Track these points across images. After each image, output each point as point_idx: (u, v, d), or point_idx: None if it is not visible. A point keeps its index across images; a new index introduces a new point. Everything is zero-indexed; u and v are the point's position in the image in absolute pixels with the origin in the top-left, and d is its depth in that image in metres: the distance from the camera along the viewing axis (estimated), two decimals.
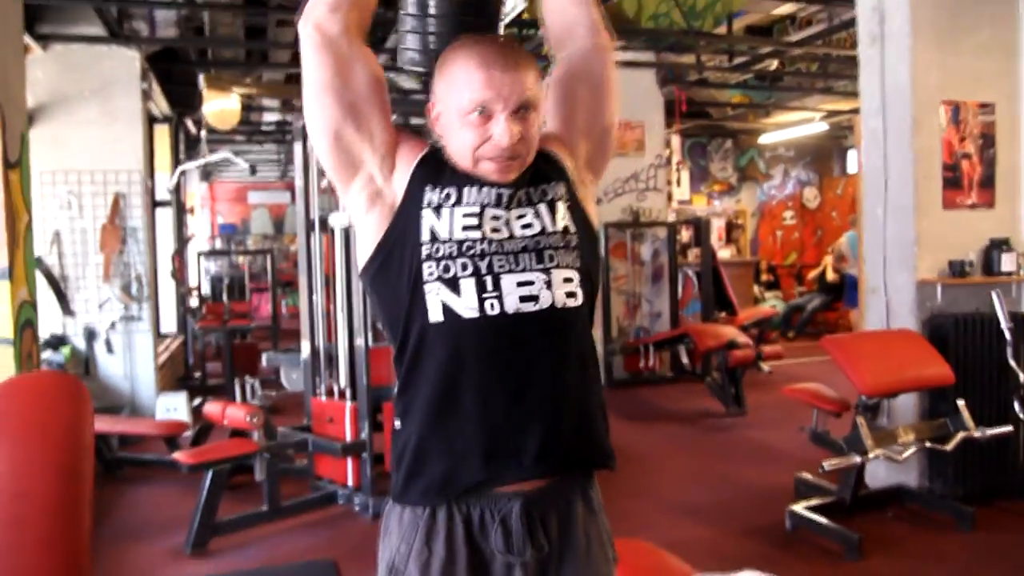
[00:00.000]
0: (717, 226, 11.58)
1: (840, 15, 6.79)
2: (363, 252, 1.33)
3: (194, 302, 8.75)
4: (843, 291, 9.94)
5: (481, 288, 1.24)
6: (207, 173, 13.30)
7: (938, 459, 3.83)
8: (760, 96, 10.12)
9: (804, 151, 12.80)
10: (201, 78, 6.41)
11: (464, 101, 1.25)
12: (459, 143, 1.28)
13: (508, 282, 1.25)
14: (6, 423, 1.38)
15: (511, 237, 1.28)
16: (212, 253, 10.50)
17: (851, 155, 12.38)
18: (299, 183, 4.63)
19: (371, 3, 1.32)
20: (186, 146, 9.96)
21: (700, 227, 8.11)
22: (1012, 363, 3.81)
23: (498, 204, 1.29)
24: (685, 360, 7.27)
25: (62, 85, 5.99)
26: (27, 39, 5.22)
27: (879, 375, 3.55)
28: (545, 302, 1.25)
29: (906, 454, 3.50)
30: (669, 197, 8.75)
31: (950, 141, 4.12)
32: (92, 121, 6.07)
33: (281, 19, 6.77)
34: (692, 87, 9.02)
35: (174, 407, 5.89)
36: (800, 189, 12.90)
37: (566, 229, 1.31)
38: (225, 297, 9.30)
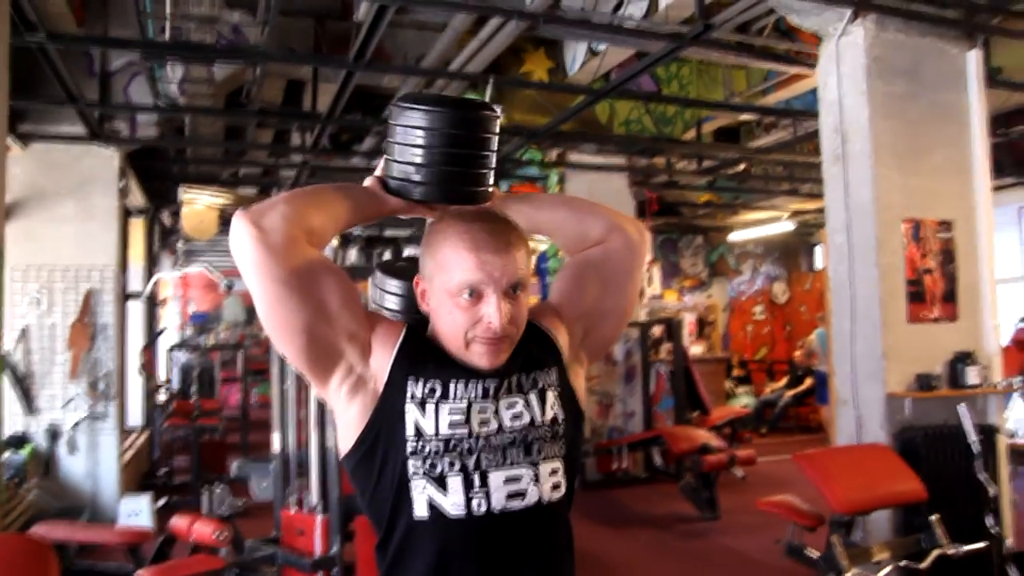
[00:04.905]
0: (689, 321, 11.69)
1: (803, 123, 7.09)
2: (344, 439, 1.29)
3: (162, 397, 8.59)
4: (814, 387, 10.03)
5: (468, 486, 1.22)
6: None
7: None
8: (728, 196, 10.43)
9: (772, 247, 13.08)
10: (180, 191, 6.47)
11: (454, 283, 1.23)
12: (449, 324, 1.25)
13: (496, 478, 1.23)
14: None
15: (499, 430, 1.25)
16: (182, 346, 10.33)
17: (818, 251, 12.68)
18: None
19: (326, 239, 1.28)
20: (160, 237, 9.96)
21: (672, 327, 8.18)
22: (981, 477, 3.86)
23: (485, 397, 1.26)
24: (659, 461, 7.23)
25: (39, 182, 6.00)
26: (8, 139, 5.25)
27: (852, 492, 3.55)
28: (532, 498, 1.24)
29: (881, 574, 3.48)
30: (641, 294, 8.86)
31: (912, 257, 4.24)
32: (68, 218, 6.08)
33: (260, 122, 6.91)
34: (662, 188, 9.28)
35: (137, 511, 5.72)
36: (769, 284, 13.13)
37: (555, 419, 1.29)
38: (194, 389, 9.12)
